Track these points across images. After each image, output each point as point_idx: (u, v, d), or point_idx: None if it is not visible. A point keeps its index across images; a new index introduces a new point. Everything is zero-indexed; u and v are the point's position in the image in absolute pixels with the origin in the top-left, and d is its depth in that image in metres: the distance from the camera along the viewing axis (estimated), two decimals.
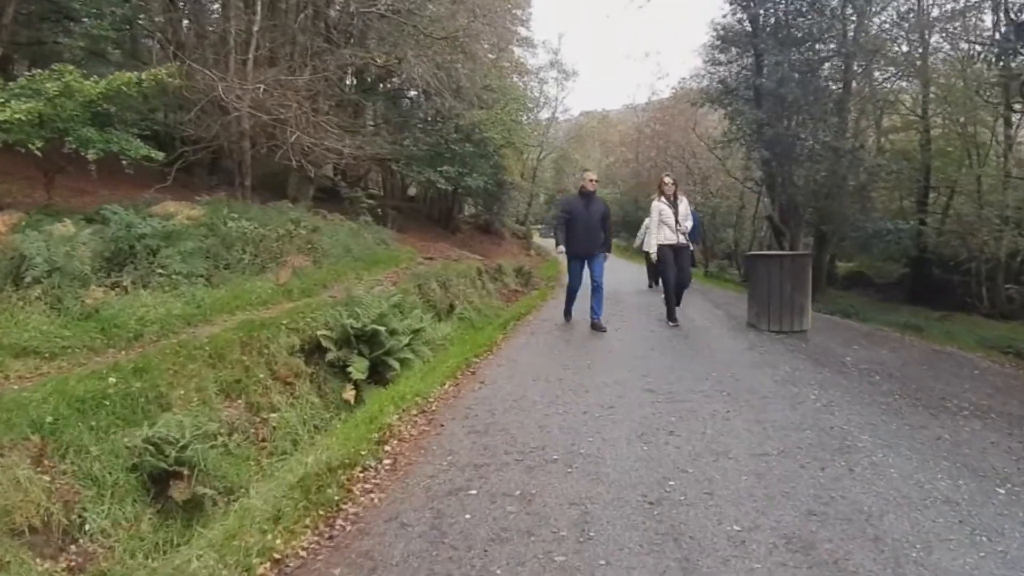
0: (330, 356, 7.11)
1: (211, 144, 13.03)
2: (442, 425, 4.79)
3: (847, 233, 15.68)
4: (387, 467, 4.07)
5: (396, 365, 7.11)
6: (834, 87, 16.00)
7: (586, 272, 8.75)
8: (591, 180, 8.91)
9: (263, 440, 6.28)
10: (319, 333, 7.20)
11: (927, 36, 17.65)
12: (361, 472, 3.97)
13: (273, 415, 6.43)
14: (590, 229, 8.57)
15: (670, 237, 9.16)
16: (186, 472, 4.89)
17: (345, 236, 12.05)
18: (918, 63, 18.05)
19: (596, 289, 8.64)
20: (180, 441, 4.94)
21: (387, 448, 4.35)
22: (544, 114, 39.24)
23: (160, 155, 10.02)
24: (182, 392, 5.97)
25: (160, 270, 8.26)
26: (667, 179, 9.82)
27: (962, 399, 5.58)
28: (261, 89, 12.03)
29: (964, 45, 18.57)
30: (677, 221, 9.15)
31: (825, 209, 15.36)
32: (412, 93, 20.86)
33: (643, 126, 39.74)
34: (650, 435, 4.43)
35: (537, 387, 5.74)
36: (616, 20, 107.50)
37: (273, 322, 7.26)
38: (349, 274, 10.51)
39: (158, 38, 13.75)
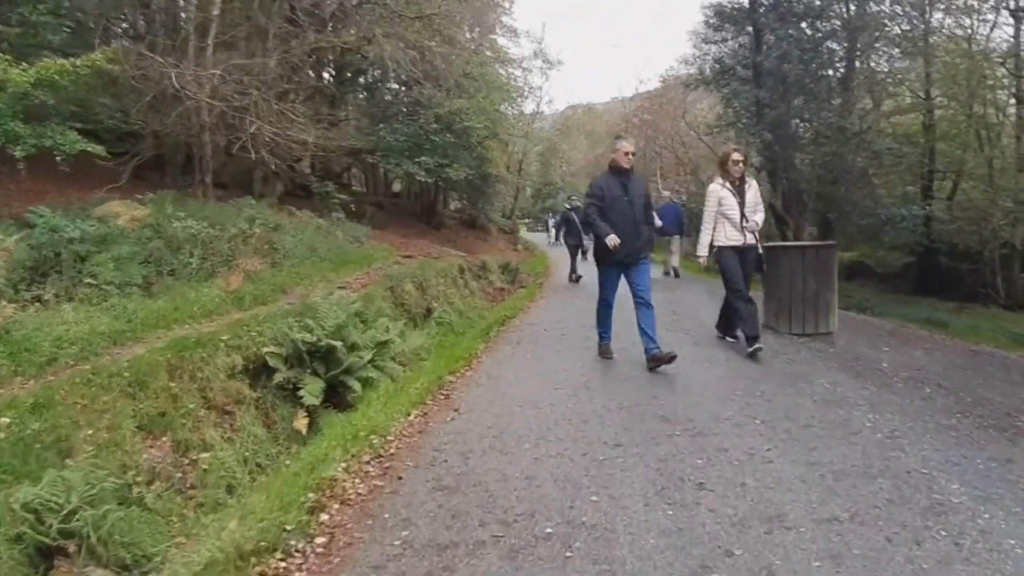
0: (279, 377, 5.99)
1: (168, 138, 11.88)
2: (400, 477, 3.69)
3: (855, 220, 14.65)
4: (319, 550, 2.97)
5: (357, 386, 5.99)
6: (838, 65, 14.91)
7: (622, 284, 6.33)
8: (626, 153, 6.10)
9: (192, 487, 5.16)
10: (265, 350, 6.08)
11: (928, 14, 16.62)
12: (282, 561, 2.87)
13: (205, 454, 5.30)
14: (631, 221, 6.00)
15: (734, 236, 6.60)
16: (72, 547, 3.78)
17: (311, 235, 10.92)
18: (919, 44, 17.10)
19: (644, 307, 6.05)
20: (66, 506, 3.82)
21: (324, 517, 3.25)
22: (529, 105, 38.08)
23: (99, 149, 8.93)
24: (91, 432, 4.85)
25: (89, 279, 7.17)
26: (736, 154, 6.79)
27: None
28: (218, 76, 10.87)
29: (967, 21, 17.72)
30: (744, 215, 6.57)
31: (831, 195, 14.32)
32: (392, 85, 19.75)
33: (631, 116, 38.65)
34: (673, 490, 3.34)
35: (524, 416, 4.65)
36: (601, 9, 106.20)
37: (211, 339, 6.13)
38: (314, 276, 9.38)
39: (103, 24, 12.53)
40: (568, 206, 14.29)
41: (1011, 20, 16.80)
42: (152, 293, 7.56)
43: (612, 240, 5.82)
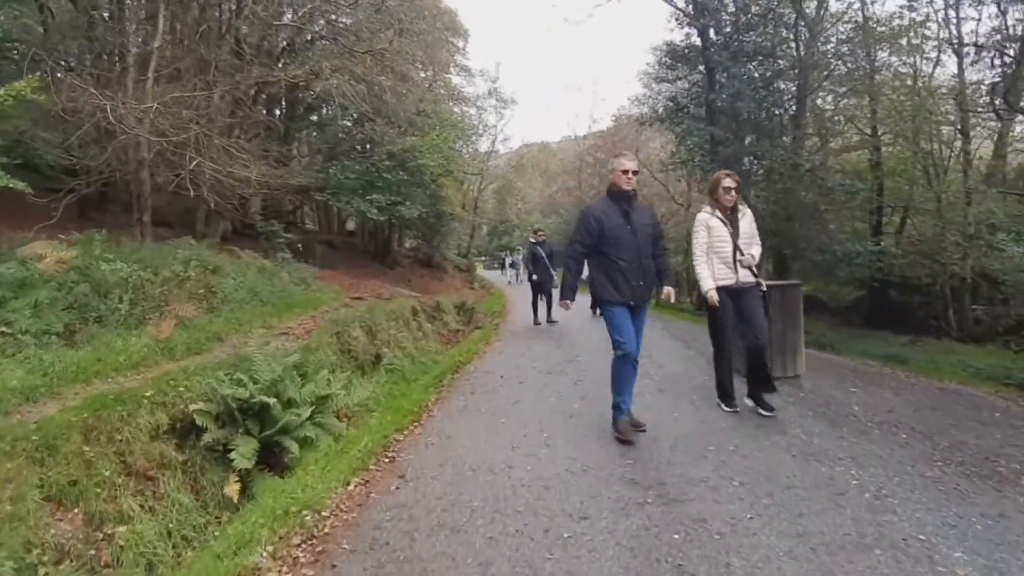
0: (208, 438, 5.44)
1: (104, 175, 11.27)
2: (334, 565, 3.21)
3: (810, 256, 14.67)
4: None
5: (294, 447, 5.46)
6: (789, 103, 15.09)
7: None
8: (626, 171, 5.03)
9: (106, 565, 4.57)
10: (194, 408, 5.53)
11: (873, 54, 17.04)
12: None
13: (121, 528, 4.72)
14: (636, 255, 5.02)
15: (723, 275, 5.61)
16: None
17: (254, 277, 10.37)
18: (865, 82, 17.52)
19: (632, 365, 5.22)
20: None
21: None
22: (484, 143, 38.17)
23: (21, 185, 8.29)
24: None
25: (3, 328, 6.55)
26: (728, 180, 5.69)
27: (1009, 459, 4.47)
28: (155, 109, 10.36)
29: (911, 60, 18.25)
30: (737, 248, 5.58)
31: (785, 232, 14.35)
32: (344, 122, 19.40)
33: (584, 154, 39.03)
34: (650, 575, 2.96)
35: (478, 483, 4.21)
36: (555, 50, 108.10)
37: (134, 395, 5.56)
38: (254, 322, 8.83)
39: (36, 54, 11.92)
40: (533, 240, 13.43)
41: (955, 57, 17.39)
42: (75, 343, 6.96)
43: (566, 305, 5.38)
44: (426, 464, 4.62)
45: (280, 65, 13.81)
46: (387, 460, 4.78)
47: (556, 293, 13.22)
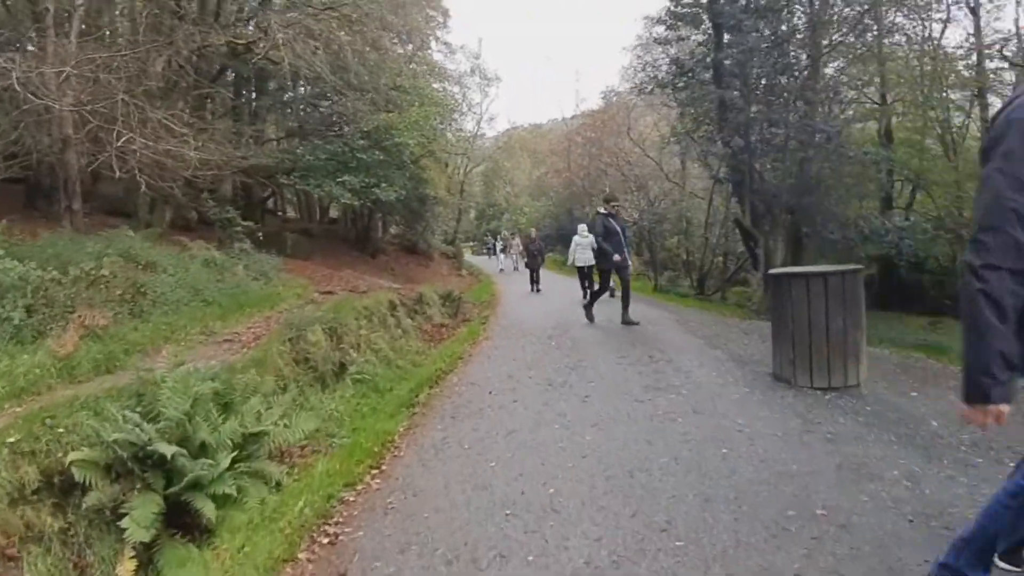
0: (92, 498, 3.96)
1: (19, 158, 9.72)
2: None
3: (828, 234, 13.20)
4: None
5: (209, 508, 3.97)
6: (804, 64, 13.49)
7: None
8: None
9: None
10: (73, 457, 4.04)
11: (882, 14, 15.51)
12: None
13: None
14: None
15: None
16: None
17: (199, 272, 8.86)
18: (875, 48, 16.11)
19: None
20: None
21: None
22: (469, 123, 36.50)
23: None
24: None
25: None
26: None
27: None
28: (77, 75, 8.79)
29: (922, 20, 16.80)
30: None
31: (805, 207, 12.90)
32: (310, 96, 17.73)
33: (574, 133, 37.36)
34: None
35: None
36: (539, 32, 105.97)
37: None
38: (191, 328, 7.32)
39: None
40: (603, 211, 10.44)
41: (971, 16, 15.97)
42: None
43: None
44: (380, 548, 3.15)
45: (225, 22, 12.17)
46: (326, 540, 3.32)
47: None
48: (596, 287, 11.30)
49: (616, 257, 9.83)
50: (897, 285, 18.81)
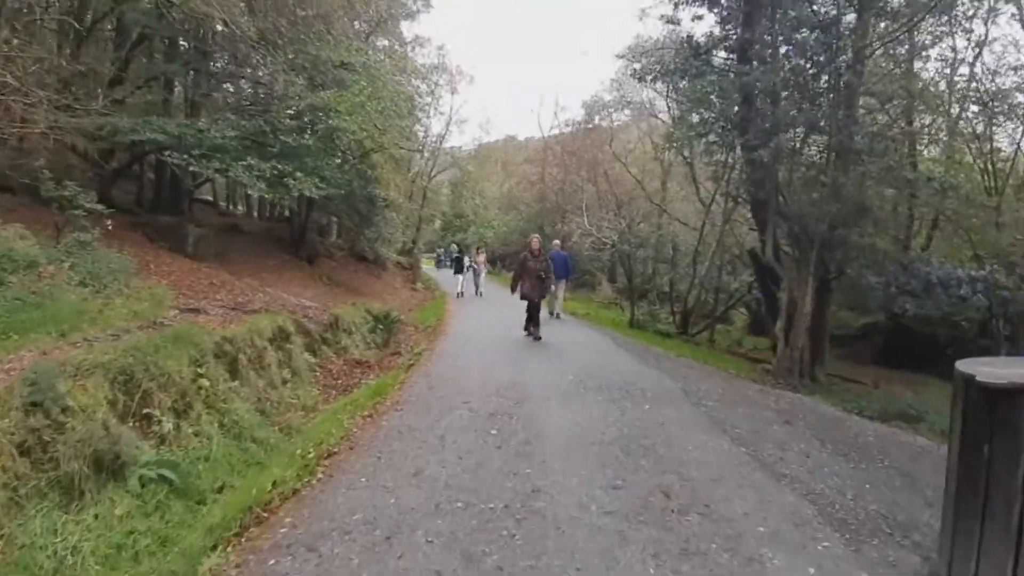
0: None
1: None
2: None
3: (870, 279, 10.20)
4: None
5: None
6: (842, 62, 10.44)
7: None
8: None
9: None
10: None
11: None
12: None
13: None
14: None
15: None
16: None
17: None
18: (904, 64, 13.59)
19: None
20: None
21: None
22: (436, 125, 33.51)
23: None
24: None
25: None
26: None
27: None
28: None
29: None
30: None
31: (838, 241, 9.92)
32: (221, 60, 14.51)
33: (552, 141, 34.62)
34: None
35: None
36: (521, 44, 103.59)
37: None
38: None
39: None
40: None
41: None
42: None
43: None
44: None
45: None
46: None
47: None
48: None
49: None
50: (905, 338, 16.00)
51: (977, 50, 14.46)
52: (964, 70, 14.75)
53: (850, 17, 10.06)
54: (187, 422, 5.23)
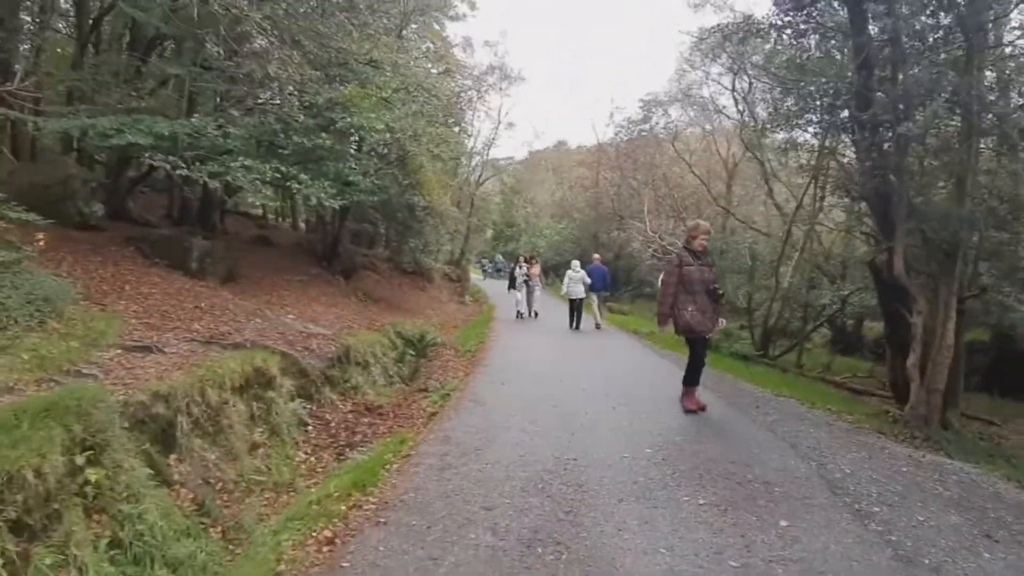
0: None
1: None
2: None
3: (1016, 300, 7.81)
4: None
5: None
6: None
7: None
8: None
9: None
10: None
11: None
12: None
13: None
14: None
15: None
16: None
17: None
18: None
19: None
20: None
21: None
22: (484, 130, 31.60)
23: None
24: None
25: None
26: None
27: None
28: None
29: None
30: None
31: (985, 250, 7.50)
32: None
33: (606, 145, 32.34)
34: None
35: None
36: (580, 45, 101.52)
37: None
38: None
39: None
40: None
41: None
42: None
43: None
44: None
45: None
46: None
47: None
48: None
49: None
50: (1012, 360, 13.89)
51: None
52: None
53: None
54: (43, 545, 3.29)
